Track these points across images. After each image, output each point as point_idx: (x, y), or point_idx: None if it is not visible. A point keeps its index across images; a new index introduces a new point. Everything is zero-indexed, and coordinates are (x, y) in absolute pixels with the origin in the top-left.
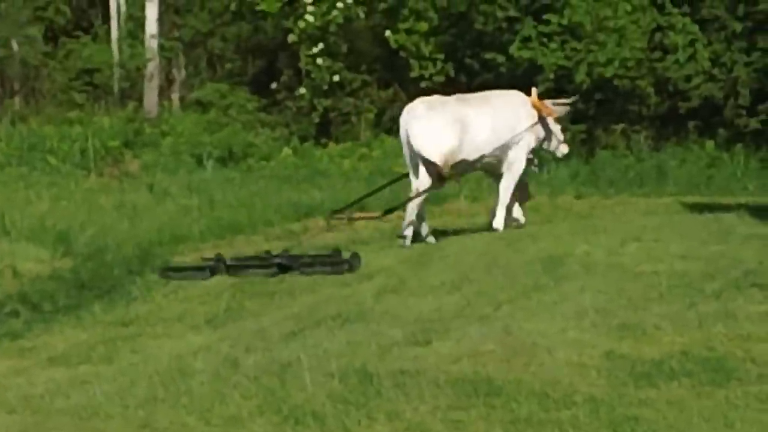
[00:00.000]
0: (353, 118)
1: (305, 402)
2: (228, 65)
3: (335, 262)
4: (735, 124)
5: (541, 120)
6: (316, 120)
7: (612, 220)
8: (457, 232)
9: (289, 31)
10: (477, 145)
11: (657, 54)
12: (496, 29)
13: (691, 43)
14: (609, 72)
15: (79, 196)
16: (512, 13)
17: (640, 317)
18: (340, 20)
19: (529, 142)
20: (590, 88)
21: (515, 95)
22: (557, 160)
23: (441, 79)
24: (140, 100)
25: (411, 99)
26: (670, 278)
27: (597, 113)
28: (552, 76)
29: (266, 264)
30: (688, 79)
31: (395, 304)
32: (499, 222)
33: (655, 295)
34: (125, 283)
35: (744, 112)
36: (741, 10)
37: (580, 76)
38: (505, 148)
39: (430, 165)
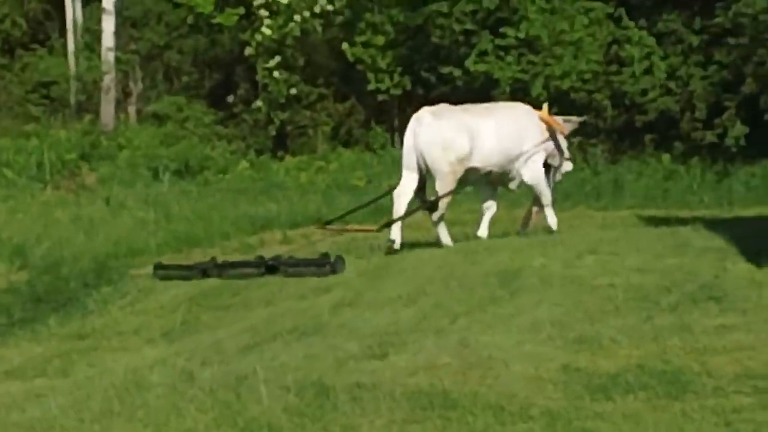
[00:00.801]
0: (310, 131)
1: (261, 415)
2: (185, 78)
3: (318, 264)
4: (691, 137)
5: (551, 135)
6: (273, 133)
7: (568, 233)
8: (413, 245)
9: (246, 44)
10: (484, 154)
11: (614, 67)
12: (453, 43)
13: (648, 56)
14: (565, 85)
15: (36, 210)
16: (469, 26)
17: (596, 330)
18: (297, 33)
19: (541, 155)
20: (547, 101)
21: (520, 108)
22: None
23: (398, 92)
24: (97, 113)
25: (368, 112)
26: (626, 291)
27: None
28: (508, 89)
29: (256, 265)
30: (644, 92)
31: (352, 317)
32: (552, 221)
33: (612, 308)
34: (81, 297)
35: (700, 125)
36: (698, 23)
37: (537, 89)
38: (513, 161)
39: (441, 172)
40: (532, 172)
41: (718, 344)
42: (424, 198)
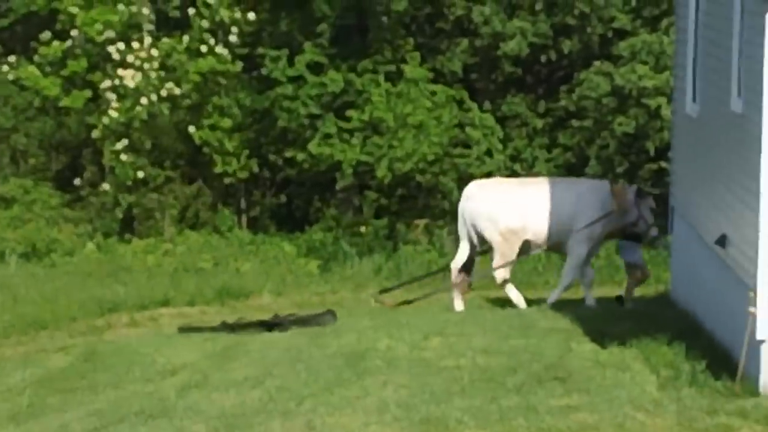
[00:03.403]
0: (157, 214)
1: None
2: (31, 161)
3: (307, 320)
4: None
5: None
6: (120, 215)
7: (415, 315)
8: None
9: (93, 126)
10: (539, 227)
11: (459, 150)
12: (299, 126)
13: (490, 138)
14: (408, 167)
15: None
16: (314, 110)
17: (442, 411)
18: (144, 116)
19: (594, 228)
20: (392, 184)
21: (584, 182)
22: (360, 255)
23: (245, 174)
24: None
25: (215, 194)
26: (472, 372)
27: (400, 208)
28: (351, 171)
29: (262, 324)
30: (489, 175)
31: (198, 399)
32: (553, 299)
33: (458, 389)
34: None
35: None
36: (542, 106)
37: (382, 171)
38: (569, 232)
39: (494, 242)
40: (572, 245)
41: (563, 424)
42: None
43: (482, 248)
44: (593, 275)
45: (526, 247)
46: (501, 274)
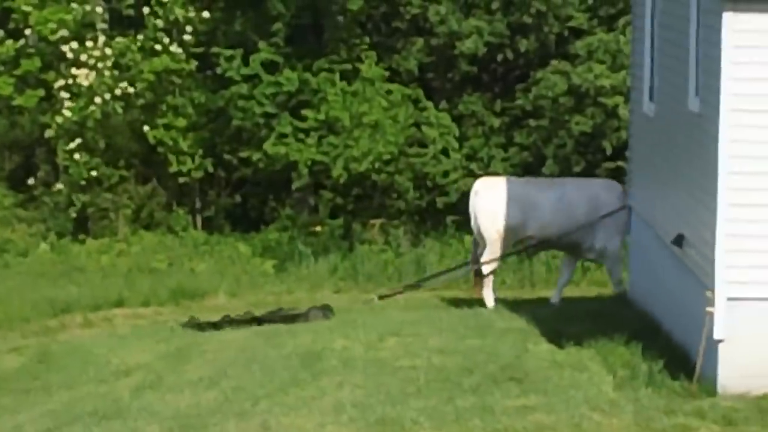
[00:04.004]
0: (111, 214)
1: None
2: None
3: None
4: None
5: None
6: (74, 215)
7: (371, 315)
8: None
9: (47, 126)
10: (543, 223)
11: (415, 149)
12: (254, 125)
13: (446, 137)
14: (364, 167)
15: None
16: (269, 109)
17: (397, 412)
18: (98, 116)
19: (619, 223)
20: (348, 183)
21: (596, 182)
22: (316, 255)
23: (199, 174)
24: None
25: (169, 194)
26: (428, 373)
27: (355, 208)
28: (306, 171)
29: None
30: (445, 174)
31: (153, 400)
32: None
33: (413, 389)
34: None
35: None
36: (498, 106)
37: (338, 171)
38: (586, 230)
39: (489, 239)
40: (601, 245)
41: (519, 425)
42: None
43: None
44: (571, 278)
45: (526, 241)
46: (488, 268)
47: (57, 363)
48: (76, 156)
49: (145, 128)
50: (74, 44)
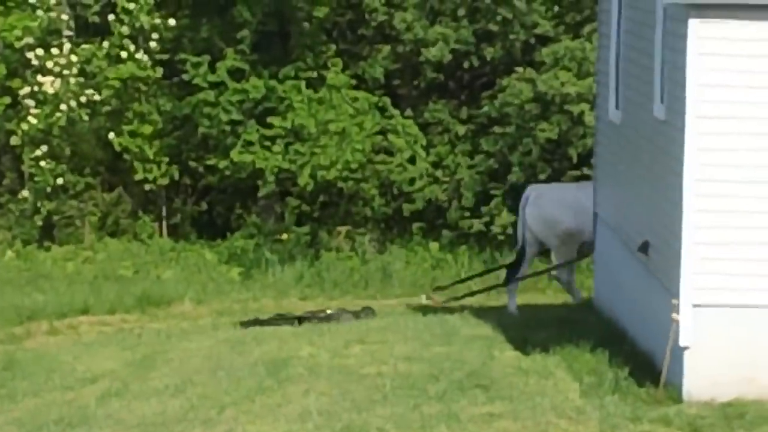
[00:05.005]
0: (77, 221)
1: None
2: None
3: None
4: (459, 225)
5: None
6: (40, 223)
7: (336, 322)
8: (181, 335)
9: (12, 133)
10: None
11: (381, 156)
12: (220, 132)
13: (413, 145)
14: (331, 175)
15: None
16: (235, 116)
17: (363, 419)
18: (64, 123)
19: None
20: (314, 191)
21: None
22: (282, 262)
23: (165, 182)
24: None
25: (135, 201)
26: (394, 380)
27: (321, 215)
28: (273, 179)
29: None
30: (411, 181)
31: (119, 407)
32: None
33: (379, 396)
34: None
35: (467, 214)
36: (464, 113)
37: (304, 179)
38: None
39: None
40: None
41: None
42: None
43: (538, 251)
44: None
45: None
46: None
47: (23, 370)
48: (42, 163)
49: (111, 135)
50: (40, 51)
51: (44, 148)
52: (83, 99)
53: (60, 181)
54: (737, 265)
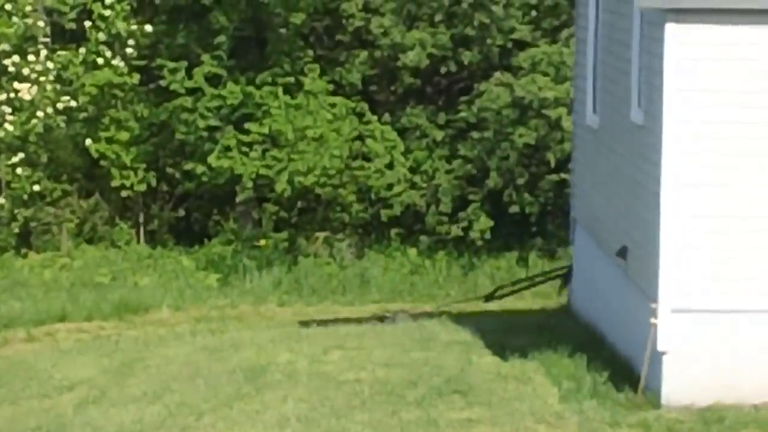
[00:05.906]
0: (54, 228)
1: None
2: None
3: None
4: (437, 231)
5: None
6: (16, 230)
7: (315, 328)
8: (159, 342)
9: None
10: None
11: (358, 162)
12: (198, 138)
13: (391, 151)
14: (309, 180)
15: None
16: (213, 122)
17: (342, 426)
18: (40, 130)
19: None
20: (292, 197)
21: None
22: (260, 268)
23: (142, 188)
24: None
25: (112, 208)
26: (372, 386)
27: (299, 221)
28: (251, 185)
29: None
30: (389, 187)
31: (96, 415)
32: None
33: (358, 403)
34: None
35: (445, 219)
36: (442, 118)
37: (282, 185)
38: None
39: None
40: None
41: None
42: None
43: None
44: None
45: None
46: None
47: (0, 378)
48: (19, 170)
49: (88, 142)
50: (16, 58)
51: (21, 155)
52: (60, 106)
53: (37, 188)
54: (715, 269)
